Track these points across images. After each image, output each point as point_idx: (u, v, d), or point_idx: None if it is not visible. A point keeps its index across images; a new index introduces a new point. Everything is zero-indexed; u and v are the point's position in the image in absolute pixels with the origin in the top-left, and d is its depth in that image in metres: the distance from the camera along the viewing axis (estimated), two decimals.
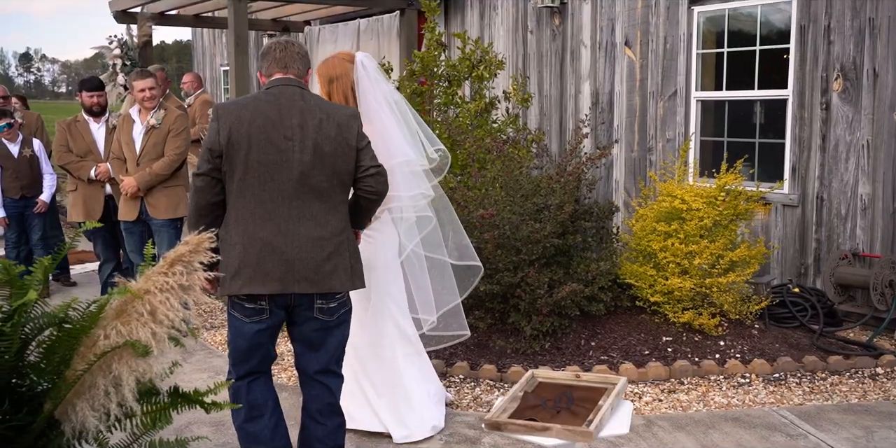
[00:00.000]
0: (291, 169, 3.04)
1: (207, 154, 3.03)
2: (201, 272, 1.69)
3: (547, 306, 4.87)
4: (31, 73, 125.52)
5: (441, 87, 6.09)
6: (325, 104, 3.18)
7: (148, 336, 1.67)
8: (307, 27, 11.15)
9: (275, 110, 3.06)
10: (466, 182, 5.75)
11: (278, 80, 3.14)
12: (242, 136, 3.01)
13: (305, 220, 3.06)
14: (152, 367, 1.70)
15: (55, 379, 1.75)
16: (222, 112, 3.06)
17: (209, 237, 1.69)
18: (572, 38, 7.74)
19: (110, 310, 1.73)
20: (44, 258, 1.73)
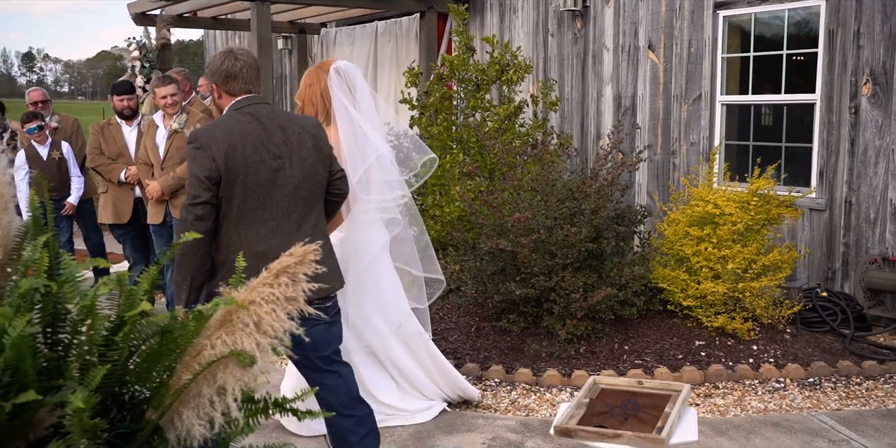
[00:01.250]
0: (286, 185, 3.15)
1: (206, 182, 3.04)
2: (305, 283, 1.71)
3: (581, 310, 4.89)
4: (34, 72, 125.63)
5: (469, 91, 6.12)
6: (293, 117, 3.30)
7: (253, 346, 1.69)
8: (323, 29, 11.18)
9: (260, 130, 3.12)
10: (494, 185, 5.78)
11: (249, 99, 3.19)
12: (238, 161, 3.06)
13: (302, 231, 3.19)
14: (255, 376, 1.73)
15: (157, 387, 1.77)
16: (211, 139, 3.06)
17: (315, 249, 1.71)
18: (594, 41, 7.77)
19: (213, 319, 1.75)
20: (152, 268, 1.75)
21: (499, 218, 5.10)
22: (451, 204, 5.74)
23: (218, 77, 3.21)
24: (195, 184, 3.06)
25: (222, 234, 3.13)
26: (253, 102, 3.17)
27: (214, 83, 3.24)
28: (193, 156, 3.07)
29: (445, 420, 4.23)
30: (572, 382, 4.69)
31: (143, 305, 1.66)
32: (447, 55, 6.22)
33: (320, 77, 3.90)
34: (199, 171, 3.04)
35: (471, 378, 4.79)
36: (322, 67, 3.95)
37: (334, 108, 3.83)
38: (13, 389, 1.55)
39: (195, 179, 3.06)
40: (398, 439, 3.99)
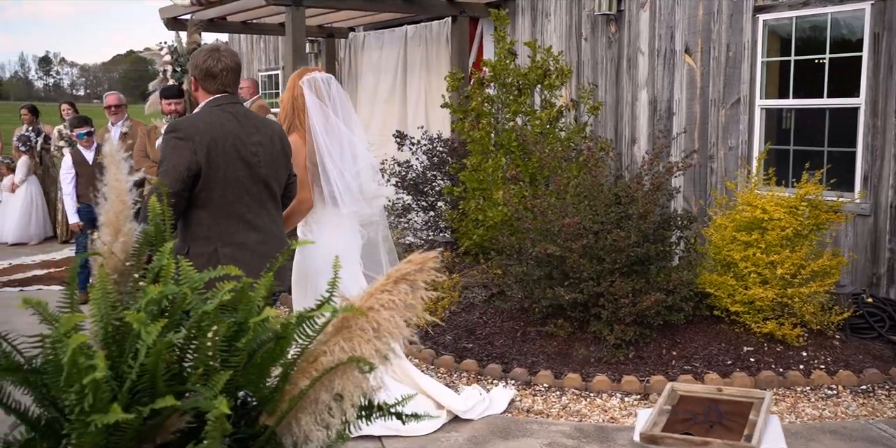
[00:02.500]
0: (259, 182, 3.35)
1: (184, 173, 3.13)
2: (424, 291, 1.71)
3: (630, 315, 4.88)
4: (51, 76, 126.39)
5: (511, 96, 6.11)
6: (265, 120, 3.53)
7: (372, 353, 1.69)
8: (351, 33, 11.20)
9: (238, 129, 3.30)
10: (537, 190, 5.77)
11: (227, 98, 3.36)
12: (220, 155, 3.21)
13: (272, 226, 3.43)
14: (371, 383, 1.73)
15: (272, 393, 1.77)
16: (194, 132, 3.17)
17: (434, 256, 1.71)
18: (629, 45, 7.75)
19: (330, 326, 1.75)
20: (268, 274, 1.75)
21: (545, 223, 5.10)
22: (493, 208, 5.73)
23: (198, 73, 3.37)
24: (171, 174, 3.13)
25: (201, 225, 3.25)
26: (230, 102, 3.35)
27: (193, 76, 3.40)
28: (174, 146, 3.16)
29: (499, 425, 4.23)
30: (622, 388, 4.67)
31: (267, 311, 1.66)
32: (488, 60, 6.21)
33: (295, 83, 4.04)
34: (179, 162, 3.14)
35: (519, 383, 4.79)
36: (299, 75, 4.08)
37: (310, 115, 3.96)
38: (146, 394, 1.55)
39: (172, 170, 3.14)
40: (454, 445, 3.98)
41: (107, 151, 1.69)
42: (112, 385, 1.46)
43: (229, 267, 1.65)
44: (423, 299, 1.72)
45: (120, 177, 1.69)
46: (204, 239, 3.25)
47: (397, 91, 10.16)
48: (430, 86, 9.65)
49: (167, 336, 1.45)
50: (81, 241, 6.84)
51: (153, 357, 1.46)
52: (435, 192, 7.52)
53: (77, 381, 1.42)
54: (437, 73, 9.50)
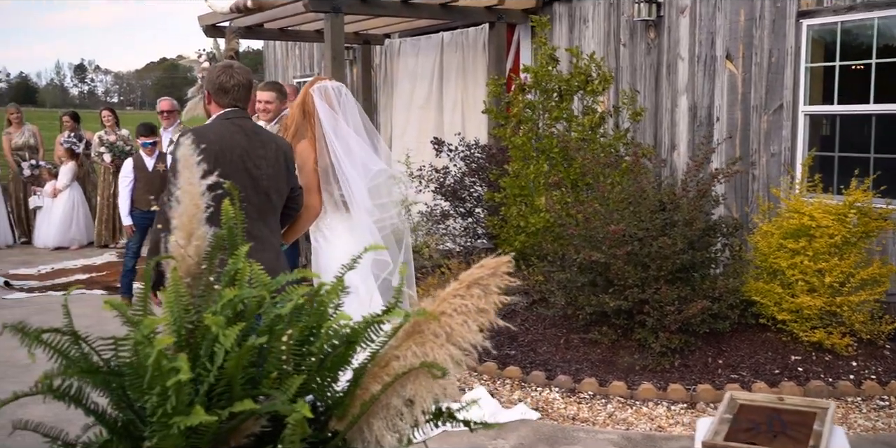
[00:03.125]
0: (260, 192, 3.49)
1: None
2: (497, 296, 1.70)
3: (676, 323, 4.83)
4: (86, 83, 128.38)
5: (552, 102, 6.09)
6: (271, 135, 3.69)
7: (445, 358, 1.68)
8: (387, 40, 11.24)
9: (246, 142, 3.46)
10: (579, 196, 5.74)
11: (236, 112, 3.52)
12: (226, 164, 3.35)
13: (271, 233, 3.56)
14: (445, 388, 1.72)
15: (342, 397, 1.77)
16: (203, 140, 3.28)
17: (508, 261, 1.70)
18: (669, 51, 7.70)
19: (401, 330, 1.74)
20: (338, 279, 1.75)
21: (589, 229, 5.06)
22: (535, 215, 5.71)
23: (212, 87, 3.55)
24: None
25: None
26: (239, 116, 3.51)
27: (207, 90, 3.56)
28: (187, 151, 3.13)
29: (546, 432, 4.20)
30: (668, 396, 4.63)
31: (341, 315, 1.66)
32: (530, 65, 6.20)
33: (306, 91, 4.12)
34: None
35: (563, 390, 4.75)
36: (311, 83, 4.18)
37: (322, 121, 4.04)
38: (223, 397, 1.55)
39: None
40: None
41: (181, 155, 1.70)
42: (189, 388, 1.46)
43: (306, 270, 1.64)
44: (496, 304, 1.70)
45: (194, 180, 1.70)
46: None
47: (433, 97, 10.17)
48: (467, 92, 9.66)
49: (248, 340, 1.45)
50: (132, 245, 6.92)
51: (234, 361, 1.46)
52: (473, 199, 7.51)
53: (160, 383, 1.42)
54: (474, 80, 9.51)
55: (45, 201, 10.36)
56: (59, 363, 1.62)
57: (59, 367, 1.60)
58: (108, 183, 10.06)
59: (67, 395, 1.58)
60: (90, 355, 1.61)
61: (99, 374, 1.56)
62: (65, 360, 1.62)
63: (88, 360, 1.58)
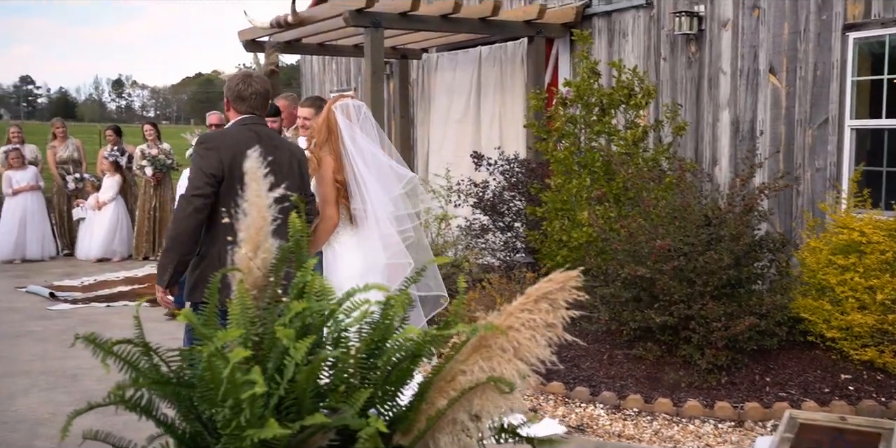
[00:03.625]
0: None
1: (210, 178, 3.47)
2: (565, 310, 1.68)
3: (722, 340, 4.76)
4: (123, 98, 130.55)
5: (594, 116, 6.07)
6: (285, 141, 3.90)
7: (513, 373, 1.67)
8: (425, 54, 11.29)
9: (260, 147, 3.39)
10: (621, 211, 5.69)
11: (253, 119, 3.72)
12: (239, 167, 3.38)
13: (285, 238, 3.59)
14: (513, 403, 1.70)
15: (406, 411, 1.76)
16: (220, 143, 3.54)
17: (576, 275, 1.68)
18: (710, 65, 7.64)
19: (468, 345, 1.73)
20: (403, 291, 1.74)
21: (634, 244, 5.02)
22: (577, 229, 5.68)
23: (231, 95, 3.75)
24: (200, 177, 3.46)
25: (215, 228, 3.50)
26: (256, 122, 3.70)
27: (227, 98, 3.76)
28: (202, 155, 3.51)
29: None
30: (715, 414, 4.55)
31: (409, 330, 1.65)
32: (572, 79, 6.18)
33: (329, 108, 4.28)
34: (207, 167, 3.48)
35: (607, 407, 4.70)
36: (334, 101, 4.36)
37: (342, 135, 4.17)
38: (292, 410, 1.55)
39: (201, 174, 3.46)
40: None
41: (249, 167, 1.71)
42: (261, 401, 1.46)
43: (377, 284, 1.64)
44: (564, 318, 1.69)
45: (261, 193, 1.70)
46: (212, 242, 3.52)
47: (471, 112, 10.18)
48: (505, 106, 9.65)
49: (321, 352, 1.45)
50: None
51: (305, 374, 1.45)
52: (512, 213, 7.49)
53: (233, 395, 1.42)
54: (512, 94, 9.50)
55: (88, 213, 10.52)
56: (130, 374, 1.63)
57: (130, 378, 1.61)
58: (148, 196, 10.19)
59: (139, 406, 1.58)
60: (160, 367, 1.62)
61: (169, 385, 1.56)
62: (134, 372, 1.62)
63: (159, 372, 1.59)
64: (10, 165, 10.34)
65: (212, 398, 1.50)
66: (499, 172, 7.53)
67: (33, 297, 7.97)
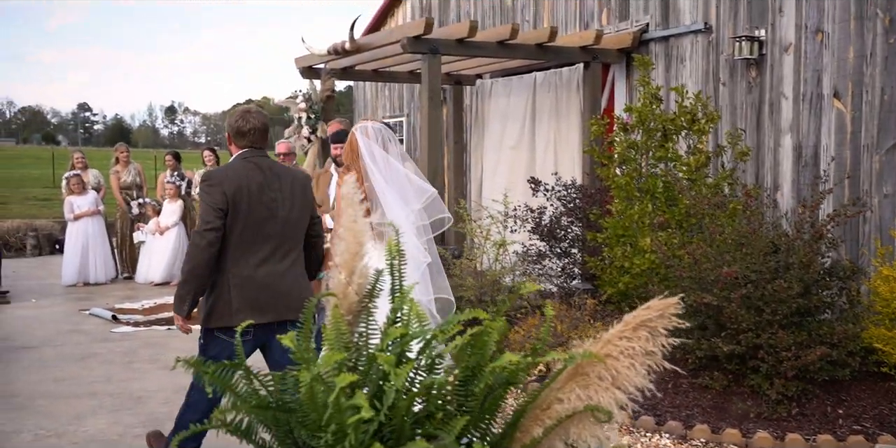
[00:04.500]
0: (276, 223, 3.83)
1: (219, 212, 3.70)
2: (664, 338, 1.65)
3: (792, 369, 4.64)
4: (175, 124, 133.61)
5: (656, 141, 6.02)
6: (288, 169, 4.07)
7: (610, 401, 1.64)
8: (479, 80, 11.36)
9: (262, 178, 3.83)
10: (686, 238, 5.62)
11: (253, 152, 3.92)
12: (243, 199, 3.74)
13: (284, 263, 3.87)
14: (609, 433, 1.67)
15: (501, 439, 1.74)
16: (224, 179, 3.77)
17: (675, 302, 1.65)
18: (771, 90, 7.55)
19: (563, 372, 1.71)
20: (499, 319, 1.73)
21: (699, 271, 4.94)
22: (639, 255, 5.61)
23: (231, 130, 3.97)
24: (210, 212, 3.70)
25: (222, 258, 3.74)
26: (256, 155, 3.90)
27: (228, 133, 3.97)
28: (208, 192, 3.75)
29: None
30: (785, 446, 4.43)
31: (507, 356, 1.64)
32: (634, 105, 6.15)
33: (352, 131, 4.46)
34: (214, 202, 3.71)
35: (674, 436, 4.61)
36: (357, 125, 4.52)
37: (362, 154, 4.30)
38: (391, 437, 1.54)
39: (210, 209, 3.70)
40: None
41: (345, 193, 1.72)
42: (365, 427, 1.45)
43: (478, 310, 1.63)
44: (664, 346, 1.66)
45: (357, 219, 1.71)
46: (223, 270, 3.75)
47: (525, 137, 10.18)
48: (560, 132, 9.64)
49: (428, 379, 1.44)
50: None
51: (408, 401, 1.45)
52: (569, 239, 7.44)
53: (337, 420, 1.42)
54: (567, 120, 9.49)
55: (148, 237, 10.72)
56: (228, 398, 1.64)
57: (230, 402, 1.62)
58: None
59: (239, 430, 1.59)
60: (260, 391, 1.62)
61: (269, 410, 1.57)
62: (233, 396, 1.63)
63: (259, 397, 1.59)
64: (72, 191, 10.61)
65: (312, 423, 1.50)
66: (556, 198, 7.51)
67: (96, 320, 8.12)
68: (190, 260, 3.71)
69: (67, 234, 10.77)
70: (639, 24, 8.92)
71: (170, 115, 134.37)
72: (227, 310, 3.72)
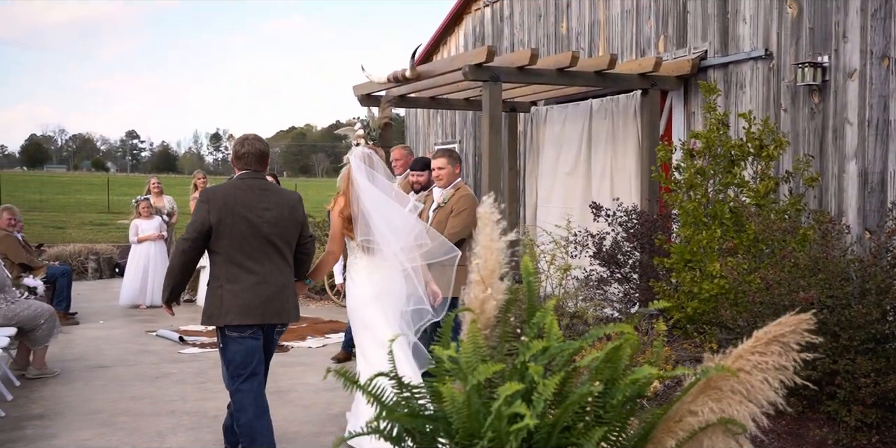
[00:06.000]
0: (260, 237, 4.29)
1: (200, 226, 4.23)
2: (796, 353, 1.70)
3: (871, 396, 4.60)
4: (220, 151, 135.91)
5: (721, 167, 6.06)
6: (280, 191, 4.52)
7: (745, 415, 1.69)
8: (533, 107, 11.47)
9: (249, 196, 4.31)
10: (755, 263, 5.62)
11: (249, 174, 4.41)
12: (228, 215, 4.24)
13: (277, 270, 4.35)
14: (742, 446, 1.72)
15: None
16: (213, 198, 4.29)
17: (808, 318, 1.71)
18: (835, 115, 7.54)
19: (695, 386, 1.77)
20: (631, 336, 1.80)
21: (773, 296, 4.94)
22: (708, 281, 5.62)
23: (232, 154, 4.52)
24: (191, 225, 4.27)
25: (215, 266, 4.32)
26: (251, 177, 4.39)
27: (231, 156, 4.51)
28: (197, 207, 4.30)
29: None
30: None
31: (646, 369, 1.70)
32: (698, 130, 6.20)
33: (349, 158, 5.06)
34: (196, 218, 4.29)
35: None
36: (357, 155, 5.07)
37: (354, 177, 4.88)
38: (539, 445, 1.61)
39: (193, 223, 4.27)
40: None
41: (482, 213, 1.81)
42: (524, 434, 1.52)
43: (623, 325, 1.70)
44: (796, 361, 1.71)
45: (494, 236, 1.80)
46: (216, 277, 4.31)
47: (581, 164, 10.24)
48: (616, 159, 9.68)
49: (584, 388, 1.51)
50: None
51: (563, 410, 1.52)
52: (629, 264, 7.46)
53: (496, 428, 1.49)
54: (624, 146, 9.53)
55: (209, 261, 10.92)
56: (376, 407, 1.73)
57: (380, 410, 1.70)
58: None
59: (392, 437, 1.67)
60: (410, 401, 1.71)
61: (419, 418, 1.65)
62: (380, 406, 1.72)
63: (411, 405, 1.68)
64: (140, 214, 10.89)
65: (464, 431, 1.58)
66: (617, 223, 7.55)
67: (164, 341, 8.30)
68: (171, 260, 4.44)
69: (130, 256, 11.03)
70: (697, 51, 8.98)
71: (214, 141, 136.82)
72: (218, 311, 4.27)
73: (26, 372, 6.70)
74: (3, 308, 6.44)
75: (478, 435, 1.52)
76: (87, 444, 4.96)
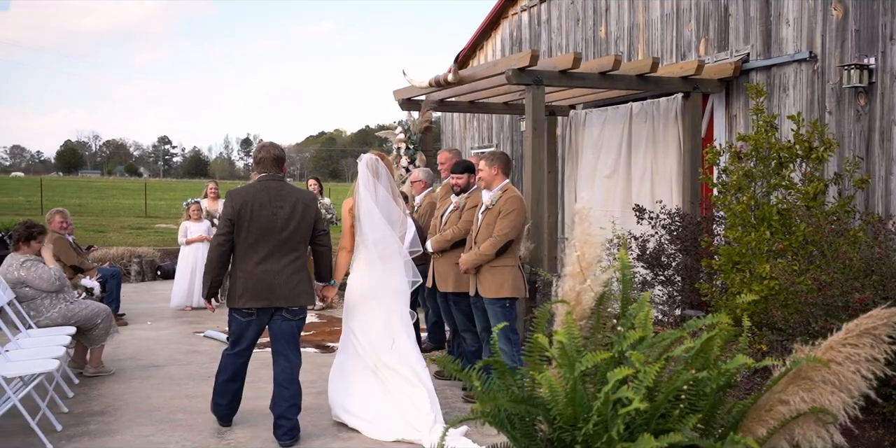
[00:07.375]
0: (276, 233, 4.97)
1: (227, 222, 4.96)
2: (887, 345, 1.76)
3: None
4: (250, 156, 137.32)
5: (769, 169, 6.07)
6: (296, 191, 5.16)
7: (838, 405, 1.74)
8: (572, 111, 11.51)
9: (266, 197, 5.00)
10: (801, 264, 5.62)
11: (268, 177, 5.13)
12: (247, 212, 4.94)
13: (282, 263, 4.98)
14: (833, 435, 1.77)
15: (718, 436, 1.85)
16: (235, 196, 5.02)
17: None
18: (882, 118, 7.51)
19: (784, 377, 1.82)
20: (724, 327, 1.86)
21: (826, 297, 4.95)
22: (758, 282, 5.64)
23: (253, 158, 5.35)
24: (222, 221, 5.01)
25: (234, 257, 5.00)
26: (269, 179, 5.11)
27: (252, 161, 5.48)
28: (225, 205, 5.02)
29: None
30: None
31: (740, 359, 1.76)
32: (745, 133, 6.22)
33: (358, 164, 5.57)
34: (225, 214, 5.02)
35: None
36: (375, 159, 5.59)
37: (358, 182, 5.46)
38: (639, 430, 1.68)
39: (223, 219, 5.00)
40: None
41: (578, 208, 1.88)
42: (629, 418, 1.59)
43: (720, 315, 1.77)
44: (886, 353, 1.76)
45: (590, 232, 1.87)
46: (234, 265, 5.01)
47: (621, 167, 10.26)
48: (657, 161, 9.69)
49: (688, 375, 1.58)
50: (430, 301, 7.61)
51: (665, 395, 1.58)
52: (672, 266, 7.48)
53: (602, 412, 1.56)
54: (665, 149, 9.54)
55: None
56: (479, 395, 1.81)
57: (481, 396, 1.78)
58: None
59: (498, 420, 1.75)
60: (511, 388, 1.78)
61: (522, 404, 1.72)
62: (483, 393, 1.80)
63: (512, 392, 1.75)
64: (189, 217, 11.08)
65: (566, 417, 1.65)
66: (661, 226, 7.57)
67: (212, 342, 8.44)
68: (208, 256, 5.05)
69: (179, 258, 11.21)
70: (739, 54, 8.98)
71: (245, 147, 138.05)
72: (234, 294, 4.98)
73: (83, 370, 6.87)
74: (63, 308, 6.63)
75: (582, 419, 1.59)
76: (150, 439, 5.10)
